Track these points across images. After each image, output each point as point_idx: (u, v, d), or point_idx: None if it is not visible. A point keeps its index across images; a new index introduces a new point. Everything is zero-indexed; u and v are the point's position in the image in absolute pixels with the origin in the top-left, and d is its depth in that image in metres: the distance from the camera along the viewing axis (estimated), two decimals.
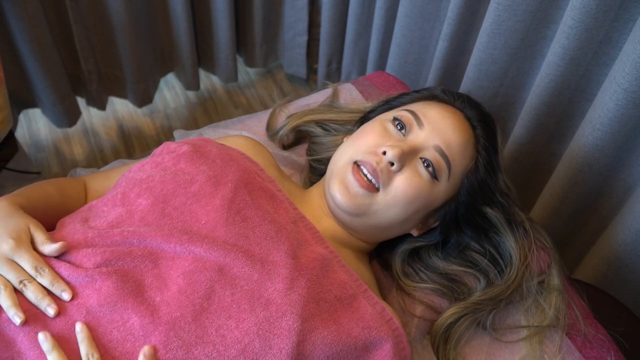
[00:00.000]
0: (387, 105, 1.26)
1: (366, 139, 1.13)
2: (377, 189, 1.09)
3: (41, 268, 0.96)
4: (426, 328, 1.18)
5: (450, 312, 1.16)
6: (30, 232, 1.01)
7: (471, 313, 1.16)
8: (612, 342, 1.21)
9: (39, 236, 1.00)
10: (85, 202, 1.23)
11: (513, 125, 1.70)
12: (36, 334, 0.91)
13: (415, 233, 1.20)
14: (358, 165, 1.09)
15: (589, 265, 1.59)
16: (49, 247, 0.99)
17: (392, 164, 1.08)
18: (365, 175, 1.08)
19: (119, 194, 1.09)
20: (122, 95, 2.41)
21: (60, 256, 0.99)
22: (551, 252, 1.25)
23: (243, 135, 1.28)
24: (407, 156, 1.09)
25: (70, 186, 1.23)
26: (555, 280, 1.22)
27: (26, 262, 0.96)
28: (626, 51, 1.27)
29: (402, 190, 1.09)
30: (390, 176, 1.09)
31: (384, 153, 1.08)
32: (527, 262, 1.20)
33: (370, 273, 1.19)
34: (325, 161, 1.33)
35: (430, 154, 1.11)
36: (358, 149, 1.12)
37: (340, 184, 1.10)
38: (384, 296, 1.20)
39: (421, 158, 1.10)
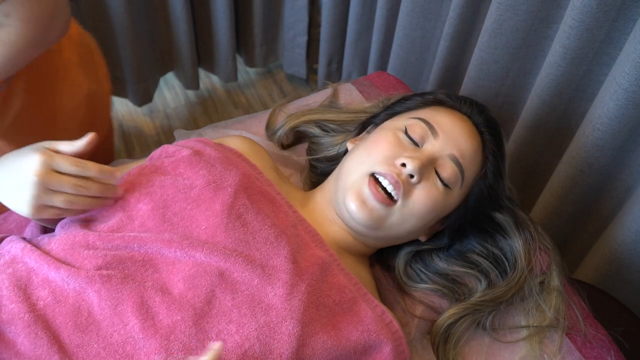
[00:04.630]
0: (391, 110, 1.24)
1: (381, 149, 1.11)
2: (394, 201, 1.08)
3: (81, 163, 0.97)
4: (426, 328, 1.19)
5: (450, 312, 1.16)
6: (48, 147, 0.99)
7: (471, 314, 1.16)
8: (612, 342, 1.21)
9: (59, 144, 0.99)
10: None
11: (514, 124, 1.69)
12: (37, 335, 0.91)
13: (423, 238, 1.20)
14: (375, 178, 1.08)
15: (589, 265, 1.59)
16: (76, 144, 0.99)
17: (412, 176, 1.07)
18: (385, 188, 1.07)
19: (119, 199, 1.08)
20: (122, 94, 2.41)
21: (61, 257, 0.99)
22: (551, 253, 1.24)
23: (241, 136, 1.28)
24: (426, 167, 1.09)
25: None
26: (555, 280, 1.21)
27: (65, 164, 0.96)
28: (627, 51, 1.27)
29: (420, 203, 1.08)
30: (410, 189, 1.08)
31: (403, 165, 1.07)
32: (530, 266, 1.20)
33: (371, 276, 1.19)
34: (325, 160, 1.32)
35: (446, 164, 1.10)
36: (374, 160, 1.10)
37: (357, 198, 1.08)
38: (384, 297, 1.20)
39: (435, 169, 1.10)
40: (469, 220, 1.18)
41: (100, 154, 1.63)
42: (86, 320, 0.93)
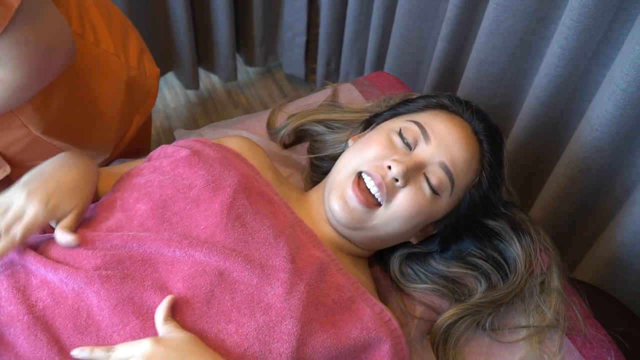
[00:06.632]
0: (393, 111, 1.23)
1: (372, 150, 1.11)
2: (378, 204, 1.08)
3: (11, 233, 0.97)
4: (426, 328, 1.19)
5: (450, 312, 1.16)
6: (68, 213, 1.01)
7: (471, 314, 1.16)
8: (612, 342, 1.21)
9: (66, 221, 1.01)
10: None
11: (512, 125, 1.69)
12: (36, 336, 0.91)
13: (414, 241, 1.20)
14: (361, 178, 1.09)
15: (587, 266, 1.59)
16: (62, 234, 0.99)
17: (397, 180, 1.07)
18: (369, 189, 1.08)
19: (118, 199, 1.09)
20: None
21: (59, 258, 0.99)
22: (552, 254, 1.24)
23: (239, 136, 1.28)
24: (412, 172, 1.08)
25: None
26: (555, 281, 1.21)
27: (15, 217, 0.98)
28: (625, 52, 1.26)
29: (403, 206, 1.08)
30: (394, 191, 1.08)
31: (389, 167, 1.07)
32: (531, 269, 1.20)
33: (368, 277, 1.19)
34: (328, 159, 1.32)
35: (435, 170, 1.09)
36: (363, 159, 1.11)
37: (339, 198, 1.09)
38: (384, 297, 1.21)
39: (425, 174, 1.10)
40: (462, 226, 1.18)
41: (143, 133, 1.65)
42: (85, 322, 0.93)
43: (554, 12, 1.46)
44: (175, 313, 0.94)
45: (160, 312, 0.92)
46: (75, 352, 0.89)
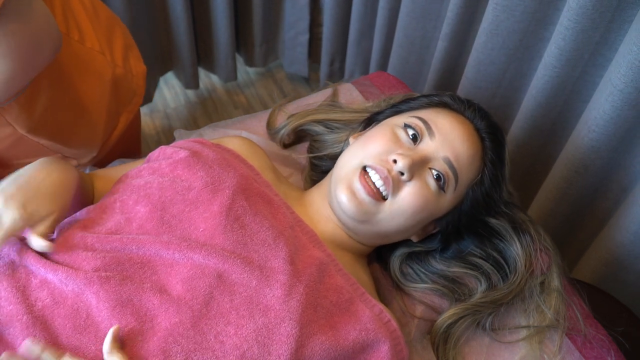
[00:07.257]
0: (396, 108, 1.24)
1: (376, 144, 1.11)
2: (384, 198, 1.08)
3: None
4: (426, 328, 1.19)
5: (450, 312, 1.16)
6: (44, 218, 1.01)
7: (471, 314, 1.16)
8: (612, 342, 1.21)
9: (41, 227, 1.00)
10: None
11: (510, 126, 1.70)
12: (35, 337, 0.91)
13: (415, 239, 1.20)
14: (366, 171, 1.09)
15: (586, 267, 1.59)
16: (36, 241, 0.98)
17: (402, 174, 1.07)
18: (374, 183, 1.08)
19: (117, 201, 1.09)
20: None
21: (59, 259, 1.00)
22: (552, 253, 1.24)
23: (239, 137, 1.28)
24: (417, 166, 1.08)
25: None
26: (555, 281, 1.21)
27: None
28: (622, 52, 1.26)
29: (409, 201, 1.08)
30: (399, 185, 1.08)
31: (395, 161, 1.07)
32: (531, 269, 1.20)
33: (369, 275, 1.19)
34: (328, 158, 1.32)
35: (439, 165, 1.10)
36: (368, 153, 1.10)
37: (347, 190, 1.09)
38: (384, 297, 1.21)
39: (430, 169, 1.10)
40: (464, 225, 1.18)
41: (131, 132, 1.65)
42: (85, 322, 0.94)
43: (553, 13, 1.46)
44: (174, 315, 0.94)
45: (107, 344, 0.90)
46: (27, 342, 0.89)
